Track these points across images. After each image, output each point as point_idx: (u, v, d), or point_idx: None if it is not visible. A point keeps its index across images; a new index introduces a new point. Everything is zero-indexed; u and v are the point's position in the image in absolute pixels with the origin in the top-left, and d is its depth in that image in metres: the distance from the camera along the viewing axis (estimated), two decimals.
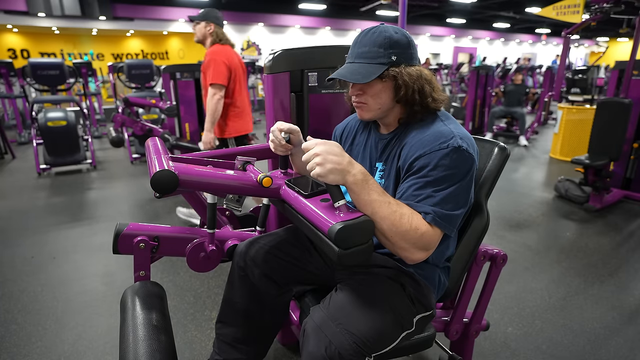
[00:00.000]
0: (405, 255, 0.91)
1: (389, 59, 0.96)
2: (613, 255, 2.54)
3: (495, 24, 16.54)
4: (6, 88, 7.04)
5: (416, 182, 0.92)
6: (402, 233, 0.87)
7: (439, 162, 0.91)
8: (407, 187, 0.94)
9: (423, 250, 0.91)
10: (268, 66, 1.44)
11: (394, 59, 0.96)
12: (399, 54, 0.96)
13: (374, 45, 0.97)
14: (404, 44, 0.97)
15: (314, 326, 0.92)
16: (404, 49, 0.97)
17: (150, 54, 14.34)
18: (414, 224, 0.88)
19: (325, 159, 0.86)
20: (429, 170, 0.91)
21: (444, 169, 0.91)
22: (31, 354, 1.67)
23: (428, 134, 0.96)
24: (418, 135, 0.97)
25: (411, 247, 0.89)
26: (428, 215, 0.89)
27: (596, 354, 1.67)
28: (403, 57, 0.97)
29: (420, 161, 0.93)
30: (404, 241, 0.88)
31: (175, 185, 0.93)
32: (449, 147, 0.91)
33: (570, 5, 5.46)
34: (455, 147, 0.91)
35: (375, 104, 1.01)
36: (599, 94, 5.75)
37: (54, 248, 2.65)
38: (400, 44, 0.97)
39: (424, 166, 0.92)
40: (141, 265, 1.16)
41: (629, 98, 3.31)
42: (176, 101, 3.88)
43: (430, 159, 0.92)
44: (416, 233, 0.88)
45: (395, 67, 0.96)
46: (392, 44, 0.96)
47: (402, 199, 0.93)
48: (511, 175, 4.47)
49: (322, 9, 12.46)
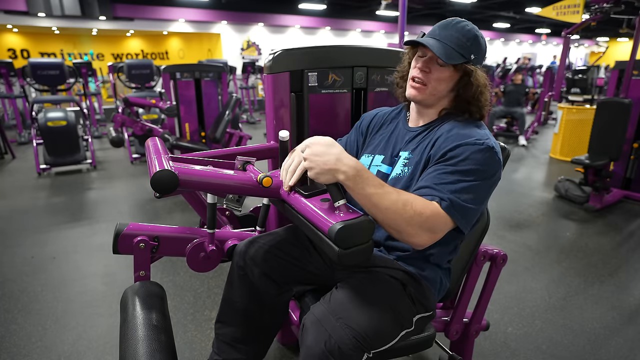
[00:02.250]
0: (414, 241, 0.90)
1: (469, 54, 1.01)
2: (613, 255, 2.54)
3: (495, 24, 16.53)
4: (6, 88, 7.03)
5: (443, 168, 0.94)
6: (407, 220, 0.87)
7: (471, 155, 0.93)
8: (433, 170, 0.96)
9: (429, 232, 0.90)
10: (268, 66, 1.44)
11: (472, 57, 1.02)
12: (478, 54, 1.03)
13: (462, 36, 1.01)
14: (483, 49, 1.05)
15: (313, 320, 0.93)
16: (482, 53, 1.04)
17: (150, 54, 14.35)
18: (417, 208, 0.88)
19: (311, 161, 0.87)
20: (460, 160, 0.94)
21: (474, 162, 0.93)
22: (31, 354, 1.67)
23: (466, 131, 0.99)
24: (455, 129, 1.01)
25: (418, 230, 0.89)
26: (443, 202, 0.90)
27: (596, 354, 1.67)
28: (478, 59, 1.04)
29: (453, 151, 0.95)
30: (410, 227, 0.88)
31: (175, 185, 0.93)
32: (484, 145, 0.94)
33: (570, 5, 5.46)
34: (490, 147, 0.95)
35: (434, 88, 1.04)
36: (599, 94, 5.75)
37: (54, 248, 2.65)
38: (481, 47, 1.04)
39: (455, 156, 0.95)
40: (141, 265, 1.16)
41: (629, 98, 3.31)
42: (176, 101, 3.88)
43: (463, 151, 0.94)
44: (421, 217, 0.88)
45: (471, 64, 1.02)
46: (476, 43, 1.02)
47: (423, 182, 0.95)
48: (511, 175, 4.47)
49: (322, 9, 12.45)
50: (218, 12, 11.71)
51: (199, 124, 4.03)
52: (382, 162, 1.16)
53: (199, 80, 3.95)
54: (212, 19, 11.88)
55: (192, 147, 3.56)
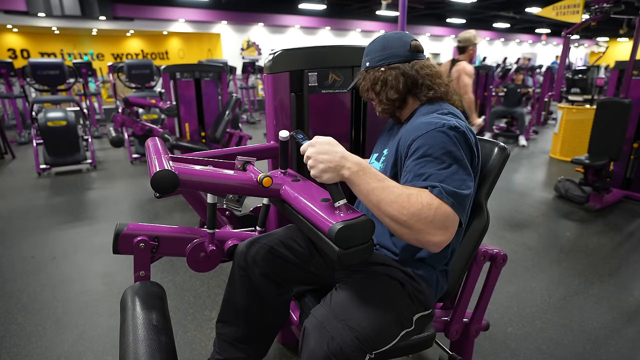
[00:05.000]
0: (427, 240, 0.84)
1: (364, 66, 1.14)
2: (613, 255, 2.54)
3: (495, 24, 16.53)
4: (6, 88, 7.04)
5: (417, 162, 0.91)
6: (415, 213, 0.82)
7: (436, 140, 0.91)
8: (410, 169, 0.93)
9: (443, 229, 0.84)
10: (268, 66, 1.44)
11: (367, 64, 1.13)
12: (369, 55, 1.13)
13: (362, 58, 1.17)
14: (375, 47, 1.12)
15: (315, 323, 0.93)
16: (374, 51, 1.11)
17: (150, 54, 14.35)
18: (424, 200, 0.83)
19: (316, 159, 0.88)
20: (427, 149, 0.91)
21: (441, 146, 0.90)
22: (31, 354, 1.67)
23: (424, 120, 0.99)
24: (416, 120, 1.03)
25: (429, 227, 0.83)
26: (435, 189, 0.85)
27: (596, 354, 1.67)
28: (373, 59, 1.11)
29: (416, 142, 0.94)
30: (419, 222, 0.82)
31: (175, 185, 0.93)
32: (444, 126, 0.93)
33: (570, 5, 5.46)
34: (452, 126, 0.93)
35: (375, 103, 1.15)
36: (599, 94, 5.75)
37: (54, 248, 2.65)
38: (372, 48, 1.12)
39: (421, 146, 0.92)
40: (141, 265, 1.16)
41: (629, 98, 3.31)
42: (176, 101, 3.88)
43: (426, 139, 0.92)
44: (430, 209, 0.82)
45: (366, 71, 1.13)
46: (367, 53, 1.14)
47: (407, 183, 0.91)
48: (511, 175, 4.47)
49: (322, 9, 12.45)
50: (218, 12, 11.71)
51: (199, 124, 4.03)
52: (375, 160, 1.19)
53: (199, 80, 3.95)
54: (212, 19, 11.88)
55: (192, 147, 3.56)
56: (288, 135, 1.07)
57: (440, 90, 1.07)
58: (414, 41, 1.09)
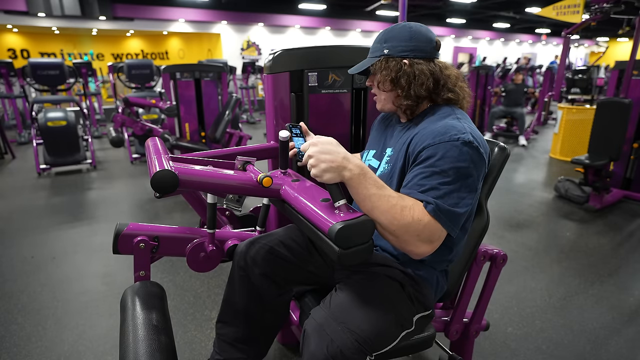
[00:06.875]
0: (410, 250, 0.89)
1: (381, 52, 1.03)
2: (613, 255, 2.54)
3: (495, 24, 16.53)
4: (6, 88, 7.03)
5: (422, 172, 0.90)
6: (404, 226, 0.85)
7: (447, 153, 0.89)
8: (413, 176, 0.92)
9: (427, 242, 0.88)
10: (268, 66, 1.44)
11: (386, 51, 1.02)
12: (391, 42, 1.02)
13: (376, 42, 1.06)
14: (402, 35, 1.02)
15: (315, 325, 0.92)
16: (399, 39, 1.01)
17: (150, 54, 14.34)
18: (416, 215, 0.86)
19: (318, 159, 0.86)
20: (436, 160, 0.89)
21: (451, 160, 0.88)
22: (31, 354, 1.67)
23: (440, 125, 0.95)
24: (430, 125, 0.97)
25: (415, 239, 0.87)
26: (429, 205, 0.86)
27: (596, 354, 1.67)
28: (396, 47, 1.02)
29: (428, 150, 0.91)
30: (407, 234, 0.86)
31: (175, 185, 0.93)
32: (459, 140, 0.89)
33: (570, 5, 5.46)
34: (466, 142, 0.89)
35: (380, 94, 1.08)
36: (599, 94, 5.75)
37: (54, 248, 2.65)
38: (397, 35, 1.02)
39: (431, 156, 0.90)
40: (141, 265, 1.16)
41: (629, 98, 3.31)
42: (176, 101, 3.88)
43: (438, 149, 0.90)
44: (419, 224, 0.85)
45: (386, 59, 1.02)
46: (389, 38, 1.03)
47: (407, 188, 0.91)
48: (511, 175, 4.47)
49: (322, 9, 12.45)
50: (218, 12, 11.70)
51: (199, 124, 4.03)
52: (373, 157, 1.17)
53: (199, 80, 3.95)
54: (212, 19, 11.87)
55: (192, 147, 3.56)
56: (288, 135, 1.07)
57: (459, 94, 1.04)
58: (438, 39, 1.06)
